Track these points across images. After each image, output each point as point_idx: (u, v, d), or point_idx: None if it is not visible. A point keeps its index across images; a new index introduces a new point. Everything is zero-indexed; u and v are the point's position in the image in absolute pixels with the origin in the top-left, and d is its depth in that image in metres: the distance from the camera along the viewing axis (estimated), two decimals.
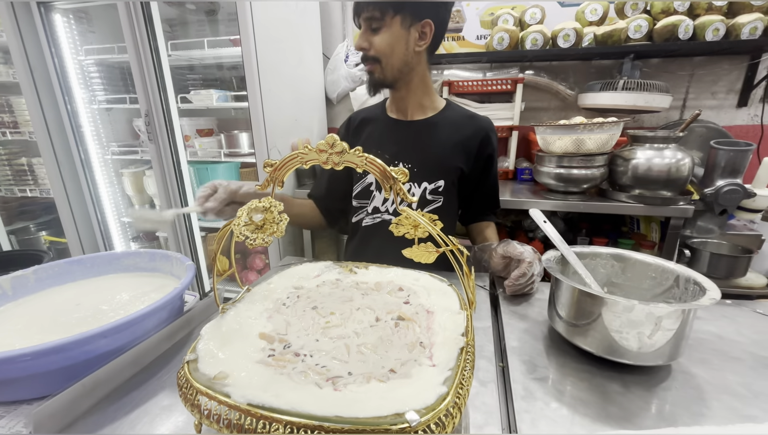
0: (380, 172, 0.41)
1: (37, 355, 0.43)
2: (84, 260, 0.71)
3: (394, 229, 0.46)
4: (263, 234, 0.42)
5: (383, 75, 0.83)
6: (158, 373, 0.52)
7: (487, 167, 0.93)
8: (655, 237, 1.48)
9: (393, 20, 0.77)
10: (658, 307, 0.44)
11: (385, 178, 0.41)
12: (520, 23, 1.67)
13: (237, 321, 0.45)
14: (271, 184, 0.43)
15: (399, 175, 0.40)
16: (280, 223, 0.42)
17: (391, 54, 0.80)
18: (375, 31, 0.79)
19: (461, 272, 0.40)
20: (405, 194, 0.40)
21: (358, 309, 0.49)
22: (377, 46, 0.79)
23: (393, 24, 0.77)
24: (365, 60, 0.83)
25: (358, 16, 0.80)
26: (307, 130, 1.88)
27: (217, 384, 0.35)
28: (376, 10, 0.77)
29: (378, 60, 0.80)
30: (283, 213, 0.43)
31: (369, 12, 0.77)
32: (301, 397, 0.33)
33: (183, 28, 1.91)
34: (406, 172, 0.40)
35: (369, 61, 0.82)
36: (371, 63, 0.82)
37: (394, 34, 0.78)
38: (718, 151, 1.35)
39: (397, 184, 0.40)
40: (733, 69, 1.64)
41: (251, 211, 0.42)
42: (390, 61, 0.81)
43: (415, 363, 0.39)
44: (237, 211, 0.42)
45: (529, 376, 0.51)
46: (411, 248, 0.43)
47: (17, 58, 1.54)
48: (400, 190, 0.40)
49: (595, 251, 0.63)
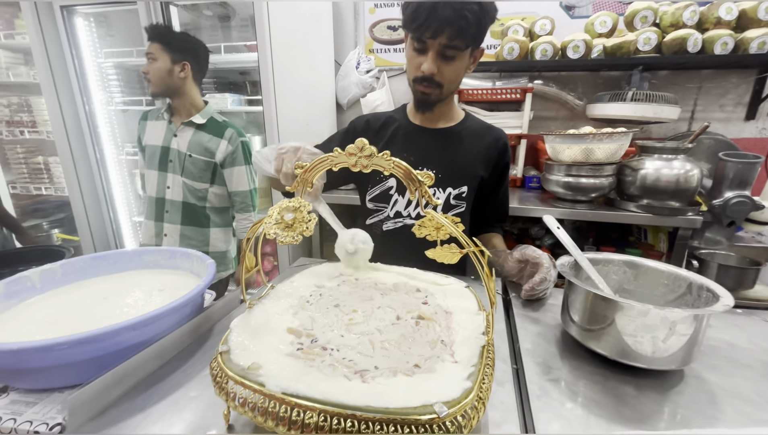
0: (406, 175, 0.42)
1: (72, 344, 0.45)
2: (108, 256, 0.73)
3: (416, 230, 0.47)
4: (293, 232, 0.43)
5: (439, 97, 0.83)
6: (182, 365, 0.53)
7: (501, 177, 0.95)
8: (663, 247, 1.49)
9: (466, 51, 0.78)
10: (673, 311, 0.46)
11: (411, 181, 0.42)
12: (529, 34, 1.70)
13: (264, 316, 0.47)
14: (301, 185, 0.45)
15: (424, 178, 0.42)
16: (309, 223, 0.44)
17: (455, 81, 0.82)
18: (448, 59, 0.77)
19: (483, 273, 0.42)
20: (430, 197, 0.42)
21: (379, 307, 0.51)
22: (447, 75, 0.79)
23: (465, 54, 0.78)
24: (426, 82, 0.80)
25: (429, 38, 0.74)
26: (318, 134, 1.91)
27: (251, 374, 0.36)
28: (461, 42, 0.74)
29: (441, 85, 0.80)
30: (312, 212, 0.45)
31: (451, 42, 0.74)
32: (332, 388, 0.35)
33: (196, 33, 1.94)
34: (431, 176, 0.42)
35: (432, 85, 0.80)
36: (433, 87, 0.81)
37: (463, 63, 0.79)
38: (727, 163, 1.36)
39: (423, 186, 0.42)
40: (741, 82, 1.66)
41: (282, 210, 0.44)
42: (451, 87, 0.83)
43: (438, 359, 0.40)
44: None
45: (544, 377, 0.52)
46: (435, 249, 0.45)
47: (39, 59, 1.58)
48: (425, 192, 0.42)
49: (607, 258, 0.64)
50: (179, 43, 1.30)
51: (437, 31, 0.73)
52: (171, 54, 1.27)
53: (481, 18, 0.72)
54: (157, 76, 1.27)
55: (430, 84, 0.80)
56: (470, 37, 0.74)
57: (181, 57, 1.30)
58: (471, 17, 0.71)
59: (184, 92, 1.34)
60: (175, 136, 1.33)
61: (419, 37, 0.75)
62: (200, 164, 1.34)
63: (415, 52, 0.78)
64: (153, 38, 1.26)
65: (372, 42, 2.00)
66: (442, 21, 0.71)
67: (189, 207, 1.38)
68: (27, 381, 0.48)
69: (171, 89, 1.31)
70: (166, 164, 1.35)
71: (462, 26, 0.72)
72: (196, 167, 1.34)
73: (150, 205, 1.41)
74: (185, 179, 1.35)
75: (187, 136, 1.33)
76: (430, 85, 0.80)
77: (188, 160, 1.33)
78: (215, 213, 1.44)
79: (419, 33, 0.74)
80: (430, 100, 0.84)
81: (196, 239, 1.42)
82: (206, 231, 1.43)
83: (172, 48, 1.27)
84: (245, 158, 1.38)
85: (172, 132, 1.34)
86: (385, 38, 1.98)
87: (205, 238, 1.43)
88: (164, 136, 1.34)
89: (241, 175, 1.38)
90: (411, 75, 0.82)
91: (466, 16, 0.70)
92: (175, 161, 1.34)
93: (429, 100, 0.84)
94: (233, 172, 1.37)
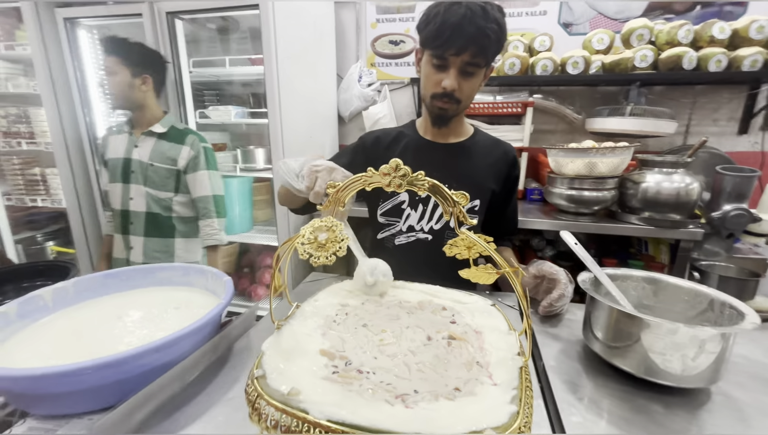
0: (440, 194, 0.43)
1: (98, 368, 0.44)
2: (120, 273, 0.72)
3: (447, 249, 0.47)
4: (326, 252, 0.43)
5: (456, 113, 0.85)
6: (206, 388, 0.52)
7: (511, 190, 0.96)
8: (665, 259, 1.51)
9: (483, 68, 0.79)
10: (703, 329, 0.46)
11: (446, 200, 0.43)
12: (529, 50, 1.73)
13: (294, 338, 0.46)
14: (332, 205, 0.45)
15: (459, 198, 0.42)
16: (342, 243, 0.44)
17: (471, 96, 0.84)
18: (468, 76, 0.78)
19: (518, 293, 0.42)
20: (465, 217, 0.42)
21: (408, 327, 0.50)
22: (466, 91, 0.81)
23: (482, 71, 0.80)
24: (446, 98, 0.81)
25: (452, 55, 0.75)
26: (320, 146, 1.91)
27: (291, 400, 0.35)
28: (482, 60, 0.76)
29: (459, 101, 0.82)
30: (344, 232, 0.45)
31: (473, 59, 0.75)
32: (376, 414, 0.34)
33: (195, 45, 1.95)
34: (466, 196, 0.42)
35: (451, 101, 0.81)
36: (452, 103, 0.82)
37: (479, 80, 0.81)
38: (725, 177, 1.40)
39: (458, 206, 0.42)
40: (733, 98, 1.71)
41: (315, 229, 0.43)
42: (467, 102, 0.84)
43: (477, 382, 0.40)
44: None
45: (572, 395, 0.52)
46: (469, 269, 0.45)
47: (40, 70, 1.57)
48: (460, 212, 0.42)
49: (626, 273, 0.65)
50: (138, 56, 1.30)
51: (461, 49, 0.74)
52: (130, 67, 1.28)
53: (500, 36, 0.75)
54: (117, 89, 1.27)
55: (450, 100, 0.81)
56: (491, 54, 0.76)
57: (141, 70, 1.30)
58: (493, 36, 0.73)
59: (146, 105, 1.34)
60: (136, 147, 1.33)
61: (441, 54, 0.76)
62: (163, 172, 1.34)
63: (434, 69, 0.79)
64: (110, 52, 1.26)
65: (374, 56, 2.02)
66: (467, 39, 0.73)
67: (153, 217, 1.37)
68: (47, 407, 0.47)
69: (133, 103, 1.31)
70: (129, 175, 1.34)
71: (485, 44, 0.73)
72: (158, 176, 1.34)
73: (116, 219, 1.40)
74: (148, 189, 1.34)
75: (149, 146, 1.33)
76: (450, 101, 0.81)
77: (150, 169, 1.33)
78: (181, 223, 1.43)
79: (442, 50, 0.75)
80: (447, 115, 0.85)
81: (161, 250, 1.41)
82: (171, 241, 1.41)
83: (131, 61, 1.28)
84: (207, 163, 1.37)
85: (133, 143, 1.34)
86: (386, 52, 2.00)
87: (170, 248, 1.41)
88: (125, 147, 1.34)
89: (203, 180, 1.36)
90: (429, 91, 0.83)
91: (489, 35, 0.72)
92: (137, 172, 1.33)
93: (446, 115, 0.85)
94: (195, 178, 1.36)
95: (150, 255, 1.40)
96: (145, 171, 1.33)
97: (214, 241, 1.37)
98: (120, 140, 1.35)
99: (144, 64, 1.31)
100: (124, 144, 1.34)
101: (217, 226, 1.38)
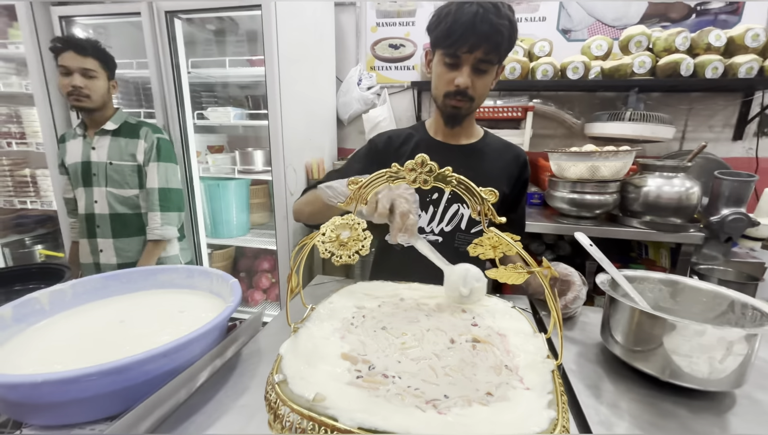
0: (468, 192, 0.41)
1: (102, 374, 0.41)
2: (120, 275, 0.69)
3: (471, 249, 0.46)
4: (348, 251, 0.41)
5: (469, 111, 0.85)
6: (215, 395, 0.50)
7: (521, 193, 0.96)
8: (666, 262, 1.52)
9: (495, 66, 0.79)
10: (731, 331, 0.45)
11: (473, 197, 0.41)
12: (529, 55, 1.75)
13: (311, 341, 0.44)
14: (354, 202, 0.43)
15: (488, 195, 0.41)
16: (365, 241, 0.42)
17: (484, 94, 0.83)
18: (481, 73, 0.78)
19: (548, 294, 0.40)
20: (494, 214, 0.41)
21: (428, 330, 0.48)
22: (479, 89, 0.80)
23: (494, 69, 0.80)
24: (459, 96, 0.80)
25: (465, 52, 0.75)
26: (319, 149, 1.89)
27: (317, 406, 0.33)
28: (495, 57, 0.76)
29: (473, 99, 0.81)
30: (367, 230, 0.43)
31: (486, 56, 0.75)
32: (408, 420, 0.32)
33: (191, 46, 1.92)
34: (495, 193, 0.41)
35: (465, 99, 0.81)
36: (466, 101, 0.81)
37: (491, 77, 0.81)
38: (723, 182, 1.41)
39: (486, 203, 0.41)
40: (728, 105, 1.74)
41: (338, 227, 0.42)
42: (480, 100, 0.84)
43: (509, 386, 0.38)
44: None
45: (597, 400, 0.50)
46: (498, 269, 0.43)
47: (33, 69, 1.53)
48: (489, 209, 0.41)
49: (643, 275, 0.64)
50: (111, 60, 1.31)
51: (474, 46, 0.74)
52: (107, 71, 1.29)
53: (512, 33, 0.75)
54: (98, 93, 1.27)
55: (464, 98, 0.80)
56: (504, 51, 0.76)
57: (112, 74, 1.32)
58: (506, 32, 0.73)
59: (109, 106, 1.33)
60: (93, 149, 1.31)
61: (454, 53, 0.76)
62: (124, 170, 1.31)
63: (446, 68, 0.79)
64: (92, 54, 1.24)
65: (373, 59, 2.02)
66: (480, 36, 0.72)
67: (118, 218, 1.34)
68: (45, 416, 0.44)
69: (106, 106, 1.31)
70: (90, 178, 1.31)
71: (498, 41, 0.73)
72: (119, 174, 1.31)
73: (81, 223, 1.37)
74: (110, 189, 1.31)
75: (105, 145, 1.31)
76: (464, 99, 0.81)
77: (110, 168, 1.30)
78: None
79: (455, 48, 0.75)
80: (461, 114, 0.84)
81: (132, 250, 1.37)
82: (140, 240, 1.38)
83: (108, 66, 1.29)
84: (159, 155, 1.34)
85: (89, 145, 1.31)
86: (386, 56, 2.00)
87: (140, 247, 1.38)
88: (82, 151, 1.32)
89: (152, 172, 1.33)
90: (441, 90, 0.82)
91: (502, 31, 0.72)
92: (98, 174, 1.31)
93: (459, 114, 0.84)
94: (149, 170, 1.33)
95: (123, 256, 1.36)
96: (105, 171, 1.30)
97: (154, 235, 1.32)
98: (75, 145, 1.33)
99: (113, 68, 1.32)
100: (80, 147, 1.32)
101: (159, 221, 1.32)
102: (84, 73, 1.23)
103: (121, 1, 1.47)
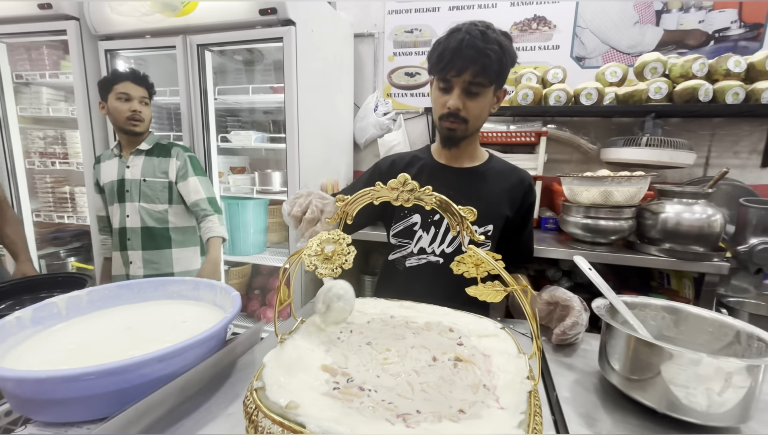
0: (448, 210, 0.43)
1: (100, 374, 0.44)
2: (132, 285, 0.73)
3: (454, 266, 0.47)
4: (332, 265, 0.43)
5: (465, 133, 0.87)
6: (205, 402, 0.51)
7: (526, 217, 0.95)
8: (689, 293, 1.44)
9: (489, 88, 0.83)
10: (728, 361, 0.43)
11: (453, 216, 0.43)
12: (542, 82, 1.77)
13: (296, 352, 0.45)
14: (339, 218, 0.45)
15: (467, 214, 0.42)
16: (349, 256, 0.44)
17: (479, 117, 0.86)
18: (472, 96, 0.81)
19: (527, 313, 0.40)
20: (472, 232, 0.42)
21: (413, 347, 0.49)
22: (472, 111, 0.83)
23: (488, 92, 0.83)
24: (452, 118, 0.83)
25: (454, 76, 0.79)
26: (335, 172, 1.95)
27: (289, 413, 0.34)
28: (484, 79, 0.79)
29: (466, 121, 0.84)
30: (351, 245, 0.45)
31: (475, 78, 0.78)
32: (375, 432, 0.33)
33: (222, 75, 2.08)
34: (474, 212, 0.42)
35: (458, 120, 0.83)
36: (459, 123, 0.84)
37: (486, 100, 0.84)
38: (749, 209, 1.35)
39: (465, 222, 0.42)
40: (754, 130, 1.68)
41: (323, 241, 0.44)
42: (476, 123, 0.87)
43: (483, 405, 0.38)
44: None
45: (590, 429, 0.48)
46: (476, 287, 0.44)
47: (80, 96, 1.69)
48: (467, 228, 0.42)
49: (644, 302, 0.62)
50: (153, 89, 1.47)
51: (462, 69, 0.78)
52: (151, 99, 1.46)
53: (502, 57, 0.77)
54: (149, 118, 1.44)
55: (456, 119, 0.83)
56: (493, 73, 0.79)
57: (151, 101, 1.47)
58: (493, 56, 0.76)
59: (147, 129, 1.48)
60: (128, 168, 1.43)
61: (445, 77, 0.80)
62: (156, 186, 1.43)
63: (440, 92, 0.83)
64: (144, 84, 1.41)
65: (390, 87, 2.10)
66: (466, 59, 0.77)
67: (148, 231, 1.44)
68: (48, 413, 0.47)
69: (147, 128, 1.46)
70: (124, 195, 1.43)
71: (485, 64, 0.77)
72: (152, 190, 1.43)
73: (115, 237, 1.48)
74: (143, 204, 1.42)
75: (139, 164, 1.43)
76: (456, 120, 0.83)
77: (144, 184, 1.42)
78: (178, 233, 1.49)
79: (445, 72, 0.80)
80: (456, 135, 0.86)
81: (160, 262, 1.46)
82: (168, 252, 1.47)
83: (151, 94, 1.45)
84: (195, 170, 1.46)
85: (124, 164, 1.43)
86: (402, 83, 2.08)
87: (168, 259, 1.47)
88: (117, 169, 1.44)
89: (195, 185, 1.44)
90: (437, 113, 0.86)
91: (489, 55, 0.76)
92: (132, 190, 1.42)
93: (455, 136, 0.86)
94: (187, 185, 1.44)
95: (149, 266, 1.45)
96: (139, 187, 1.42)
97: (217, 232, 1.41)
98: (111, 165, 1.46)
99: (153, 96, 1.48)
100: (115, 167, 1.45)
101: (218, 221, 1.43)
102: (141, 100, 1.40)
103: (160, 35, 1.61)
